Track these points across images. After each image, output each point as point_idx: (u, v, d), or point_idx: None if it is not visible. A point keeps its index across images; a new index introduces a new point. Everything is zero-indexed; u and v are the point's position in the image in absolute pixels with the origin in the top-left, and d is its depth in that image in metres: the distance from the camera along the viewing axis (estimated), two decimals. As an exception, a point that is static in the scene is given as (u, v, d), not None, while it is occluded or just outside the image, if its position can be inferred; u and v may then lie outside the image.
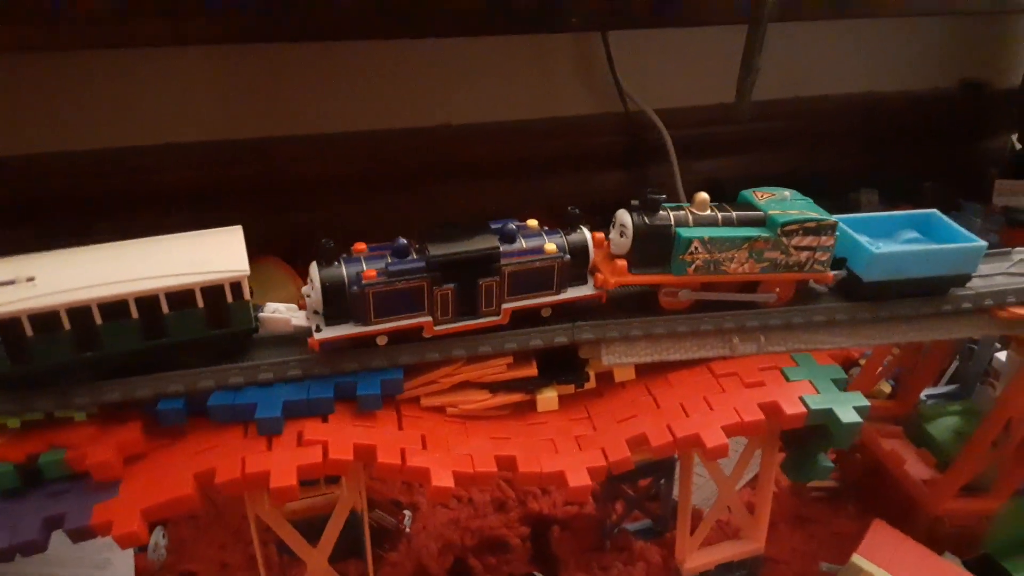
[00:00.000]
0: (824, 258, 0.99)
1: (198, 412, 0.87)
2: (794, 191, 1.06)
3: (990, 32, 2.74)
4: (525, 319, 0.95)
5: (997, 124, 2.80)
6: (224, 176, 2.08)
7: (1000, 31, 2.75)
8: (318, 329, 0.88)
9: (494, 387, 0.97)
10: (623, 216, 0.95)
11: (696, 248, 0.94)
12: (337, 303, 0.87)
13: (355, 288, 0.86)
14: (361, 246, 0.91)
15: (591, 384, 1.01)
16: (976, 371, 1.50)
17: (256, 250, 0.90)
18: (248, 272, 0.86)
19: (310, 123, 2.11)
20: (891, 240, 1.11)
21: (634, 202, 0.95)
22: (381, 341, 0.90)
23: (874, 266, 1.02)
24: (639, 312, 0.99)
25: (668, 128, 2.33)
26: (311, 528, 0.95)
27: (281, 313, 0.94)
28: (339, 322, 0.89)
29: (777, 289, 1.01)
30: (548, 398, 0.98)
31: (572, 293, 0.96)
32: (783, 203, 1.00)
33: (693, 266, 0.95)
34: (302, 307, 0.94)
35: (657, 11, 1.30)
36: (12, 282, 0.80)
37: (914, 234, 1.13)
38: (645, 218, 0.94)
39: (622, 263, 0.95)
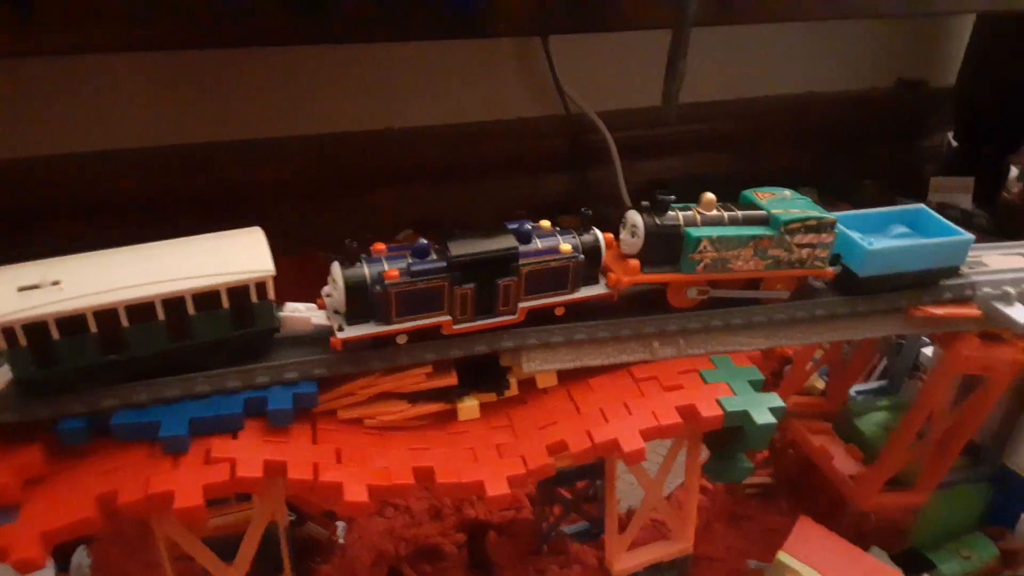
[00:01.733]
0: (824, 255, 1.03)
1: (104, 431, 0.85)
2: (793, 191, 1.10)
3: (926, 32, 2.80)
4: (540, 318, 0.97)
5: (933, 122, 2.87)
6: (165, 183, 2.05)
7: (935, 31, 2.81)
8: (340, 328, 0.89)
9: (413, 397, 0.96)
10: (634, 217, 0.98)
11: (705, 247, 0.97)
12: (359, 303, 0.89)
13: (378, 288, 0.88)
14: (380, 246, 0.92)
15: (513, 391, 1.00)
16: (904, 366, 1.53)
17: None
18: (274, 272, 0.87)
19: (253, 128, 2.08)
20: (883, 235, 1.14)
21: (644, 203, 0.98)
22: (401, 340, 0.92)
23: (869, 262, 1.06)
24: (650, 310, 1.02)
25: (611, 130, 2.35)
26: (230, 546, 0.94)
27: (301, 312, 0.94)
28: (360, 321, 0.90)
29: (779, 285, 1.05)
30: (469, 407, 0.98)
31: (585, 292, 0.98)
32: (784, 202, 1.04)
33: (702, 264, 0.98)
34: (320, 307, 0.95)
35: (584, 16, 1.30)
36: (37, 286, 0.79)
37: (904, 229, 1.16)
38: (656, 219, 0.97)
39: (634, 263, 0.97)
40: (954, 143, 2.81)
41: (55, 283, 0.80)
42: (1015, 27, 2.44)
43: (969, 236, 1.10)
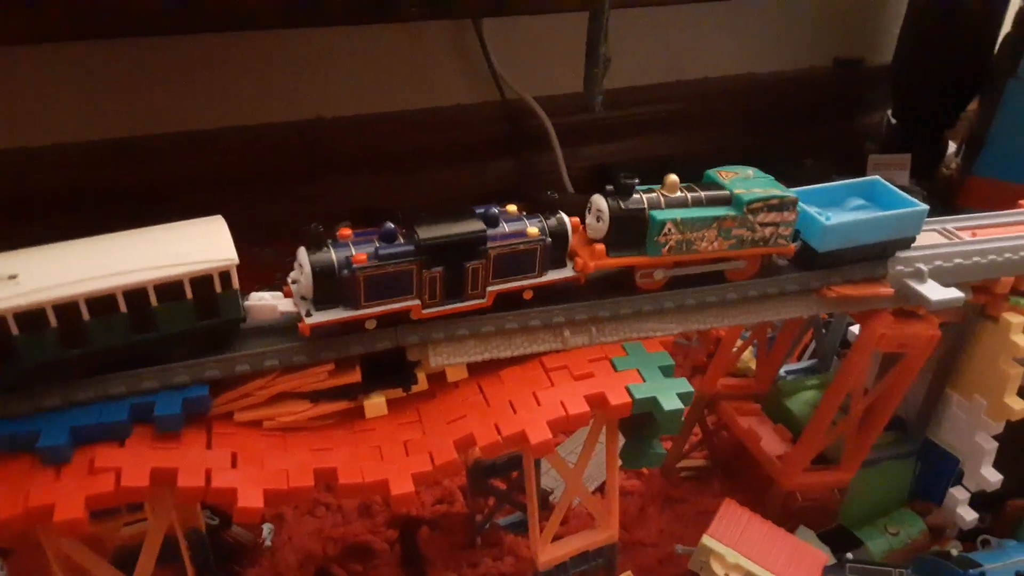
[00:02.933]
0: (787, 232, 1.04)
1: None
2: (756, 169, 1.10)
3: (862, 10, 2.82)
4: (508, 302, 0.97)
5: (872, 100, 2.90)
6: (85, 180, 1.98)
7: (871, 9, 2.83)
8: (308, 314, 0.88)
9: (315, 396, 0.93)
10: (599, 201, 0.98)
11: (669, 229, 0.97)
12: (327, 288, 0.88)
13: (345, 272, 0.87)
14: (346, 231, 0.91)
15: (422, 386, 0.98)
16: (832, 344, 1.55)
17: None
18: (237, 260, 0.85)
19: (175, 120, 2.02)
20: (840, 209, 1.15)
21: (608, 187, 0.98)
22: (370, 325, 0.91)
23: (827, 237, 1.07)
24: (615, 292, 1.02)
25: (550, 115, 2.33)
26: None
27: (267, 300, 0.93)
28: (329, 307, 0.89)
29: (743, 264, 1.05)
30: (376, 403, 0.96)
31: (553, 276, 0.98)
32: (747, 182, 1.05)
33: (667, 246, 0.99)
34: (287, 294, 0.94)
35: (498, 0, 1.27)
36: None
37: (860, 201, 1.17)
38: (620, 202, 0.97)
39: (600, 247, 0.98)
40: (893, 120, 2.84)
41: (11, 277, 0.77)
42: (948, 3, 2.46)
43: (924, 206, 1.11)
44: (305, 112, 2.12)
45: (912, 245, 1.15)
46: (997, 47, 2.50)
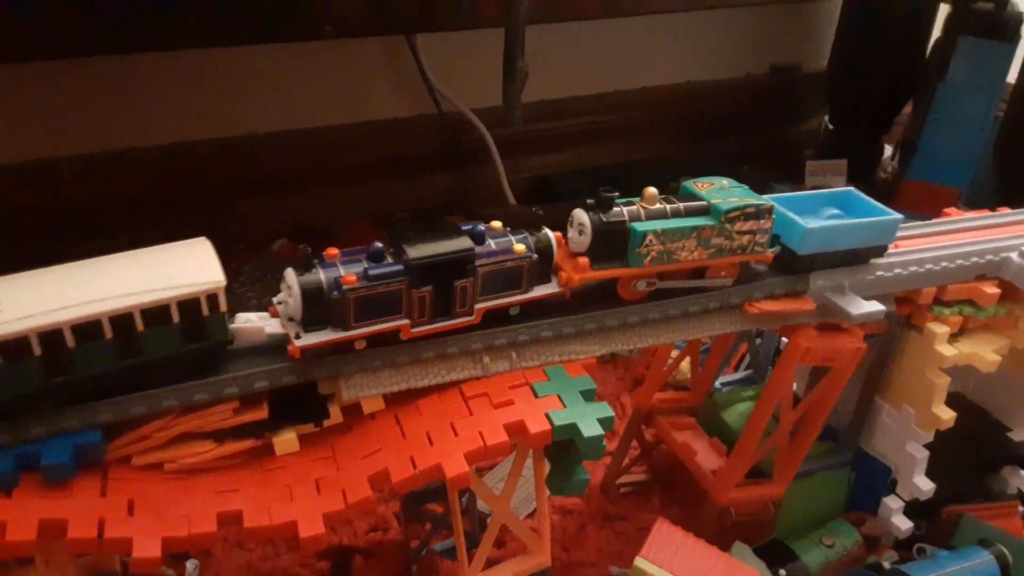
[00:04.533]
0: (763, 240, 1.06)
1: None
2: (731, 179, 1.12)
3: (797, 18, 2.86)
4: (495, 318, 0.97)
5: (809, 107, 2.94)
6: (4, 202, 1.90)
7: (806, 16, 2.87)
8: (297, 336, 0.87)
9: (220, 435, 0.89)
10: (581, 215, 1.00)
11: (651, 241, 0.99)
12: (316, 309, 0.87)
13: (335, 293, 0.86)
14: (333, 250, 0.90)
15: (335, 419, 0.95)
16: (767, 355, 1.55)
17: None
18: (224, 282, 0.84)
19: (96, 140, 1.94)
20: (816, 217, 1.17)
21: (589, 201, 1.00)
22: (360, 345, 0.91)
23: (807, 240, 1.09)
24: (600, 305, 1.04)
25: (489, 127, 2.30)
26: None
27: (254, 322, 0.92)
28: (317, 328, 0.88)
29: (723, 272, 1.07)
30: (286, 440, 0.92)
31: (539, 291, 0.99)
32: (723, 191, 1.07)
33: (648, 257, 1.00)
34: (272, 315, 0.93)
35: (418, 17, 1.25)
36: None
37: (835, 210, 1.20)
38: (602, 216, 0.99)
39: (584, 260, 0.99)
40: (830, 126, 2.88)
41: None
42: (881, 8, 2.50)
43: (898, 216, 1.15)
44: (236, 128, 2.06)
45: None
46: (928, 52, 2.55)
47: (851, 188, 1.24)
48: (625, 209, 1.00)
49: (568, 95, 2.50)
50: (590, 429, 0.92)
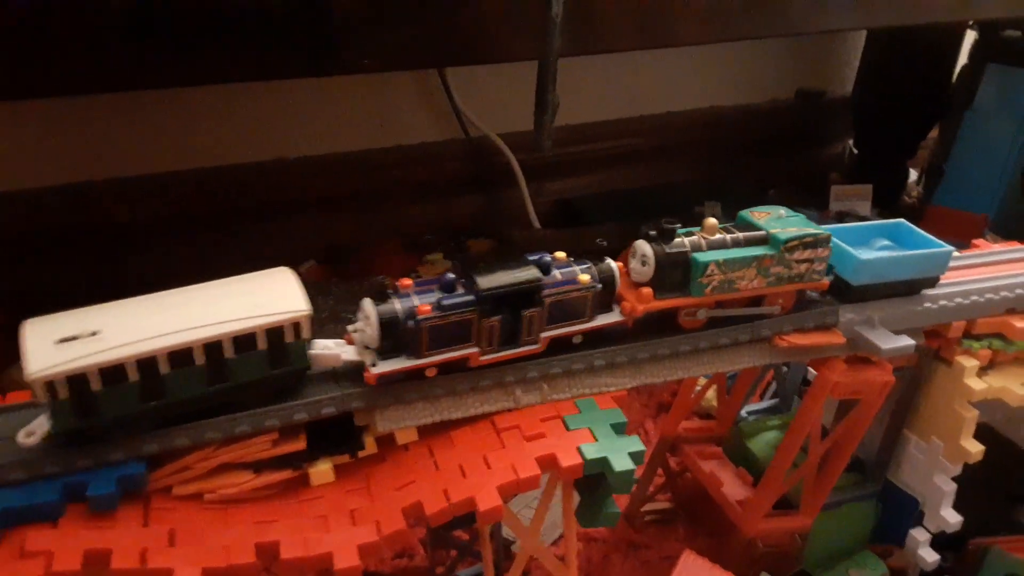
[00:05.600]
0: (821, 268, 1.08)
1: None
2: (787, 208, 1.13)
3: (823, 43, 2.87)
4: (559, 346, 1.00)
5: (834, 131, 2.94)
6: (42, 225, 1.95)
7: (832, 42, 2.88)
8: (374, 364, 0.90)
9: (258, 466, 0.91)
10: (644, 247, 1.02)
11: (712, 271, 1.01)
12: (392, 337, 0.90)
13: (410, 323, 0.89)
14: (407, 281, 0.94)
15: (370, 450, 0.96)
16: (793, 384, 1.55)
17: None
18: (310, 311, 0.88)
19: (133, 164, 1.99)
20: (867, 248, 1.19)
21: (651, 232, 1.02)
22: (431, 372, 0.93)
23: (861, 271, 1.12)
24: (659, 333, 1.06)
25: (515, 151, 2.33)
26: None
27: (331, 349, 0.95)
28: (391, 356, 0.91)
29: (780, 300, 1.09)
30: (322, 471, 0.94)
31: (602, 320, 1.01)
32: (780, 221, 1.09)
33: (710, 287, 1.02)
34: (348, 342, 0.96)
35: (453, 51, 1.28)
36: (76, 337, 0.80)
37: (886, 242, 1.22)
38: (664, 247, 1.01)
39: (647, 290, 1.01)
40: (854, 150, 2.88)
41: (93, 333, 0.80)
42: (906, 35, 2.51)
43: (950, 248, 1.16)
44: (267, 154, 2.10)
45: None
46: (955, 78, 2.55)
47: (902, 220, 1.26)
48: (687, 240, 1.03)
49: (593, 120, 2.53)
50: (621, 463, 0.93)
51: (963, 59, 2.52)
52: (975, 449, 1.23)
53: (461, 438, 0.98)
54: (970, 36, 2.51)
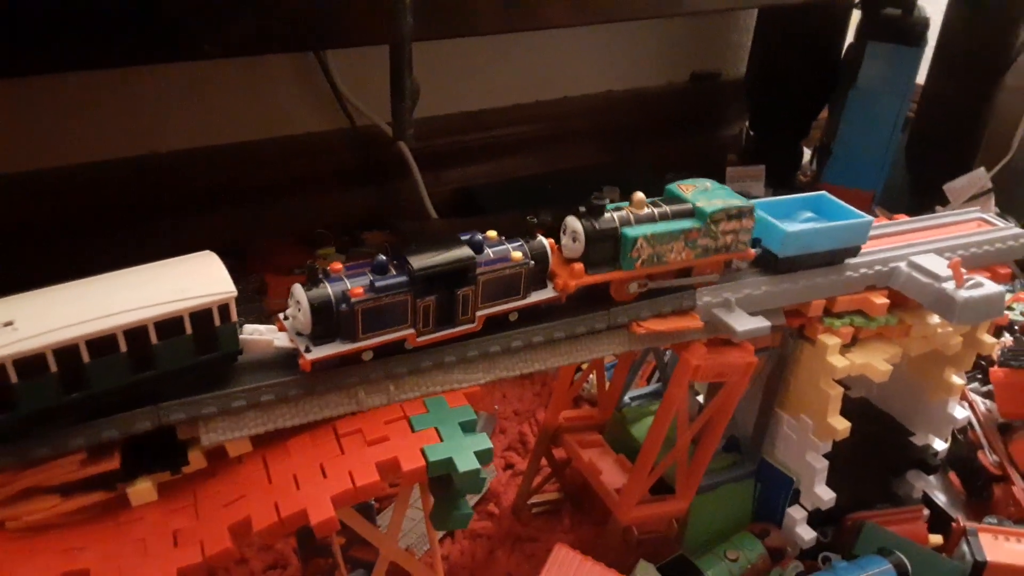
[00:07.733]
0: (746, 239, 1.11)
1: None
2: (713, 180, 1.15)
3: (715, 26, 2.88)
4: (495, 324, 1.00)
5: (730, 113, 2.97)
6: None
7: (724, 24, 2.89)
8: (307, 350, 0.88)
9: (67, 489, 0.84)
10: (573, 223, 1.03)
11: (641, 245, 1.03)
12: (325, 322, 0.88)
13: (343, 306, 0.88)
14: (338, 265, 0.92)
15: (197, 465, 0.90)
16: (674, 367, 1.54)
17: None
18: (236, 292, 0.85)
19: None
20: (792, 220, 1.20)
21: (581, 208, 1.03)
22: (367, 356, 0.92)
23: (788, 243, 1.15)
24: (593, 307, 1.07)
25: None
26: None
27: (263, 335, 0.93)
28: (326, 341, 0.89)
29: (709, 270, 1.11)
30: (142, 490, 0.87)
31: (536, 297, 1.01)
32: (706, 193, 1.11)
33: (640, 260, 1.04)
34: (280, 329, 0.94)
35: (296, 35, 1.21)
36: None
37: (809, 214, 1.24)
38: (594, 223, 1.02)
39: (579, 266, 1.02)
40: (751, 132, 2.91)
41: (7, 324, 0.76)
42: (796, 16, 2.53)
43: (869, 218, 1.20)
44: (137, 148, 1.98)
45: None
46: (842, 57, 2.59)
47: (824, 192, 1.28)
48: (615, 215, 1.04)
49: (488, 106, 2.48)
50: (466, 463, 0.90)
51: (851, 37, 2.57)
52: (841, 426, 1.24)
53: (298, 447, 0.93)
54: (856, 14, 2.55)
